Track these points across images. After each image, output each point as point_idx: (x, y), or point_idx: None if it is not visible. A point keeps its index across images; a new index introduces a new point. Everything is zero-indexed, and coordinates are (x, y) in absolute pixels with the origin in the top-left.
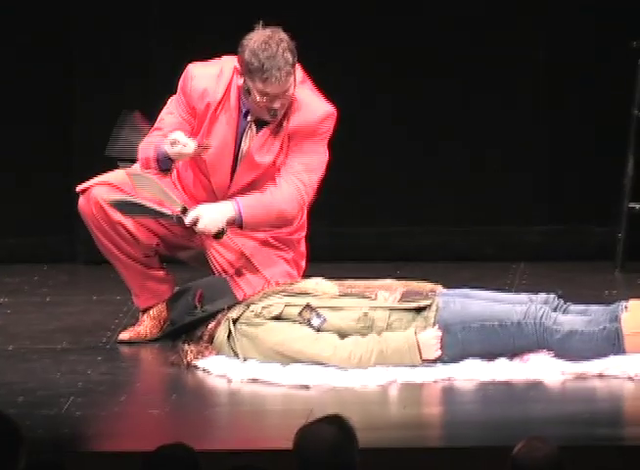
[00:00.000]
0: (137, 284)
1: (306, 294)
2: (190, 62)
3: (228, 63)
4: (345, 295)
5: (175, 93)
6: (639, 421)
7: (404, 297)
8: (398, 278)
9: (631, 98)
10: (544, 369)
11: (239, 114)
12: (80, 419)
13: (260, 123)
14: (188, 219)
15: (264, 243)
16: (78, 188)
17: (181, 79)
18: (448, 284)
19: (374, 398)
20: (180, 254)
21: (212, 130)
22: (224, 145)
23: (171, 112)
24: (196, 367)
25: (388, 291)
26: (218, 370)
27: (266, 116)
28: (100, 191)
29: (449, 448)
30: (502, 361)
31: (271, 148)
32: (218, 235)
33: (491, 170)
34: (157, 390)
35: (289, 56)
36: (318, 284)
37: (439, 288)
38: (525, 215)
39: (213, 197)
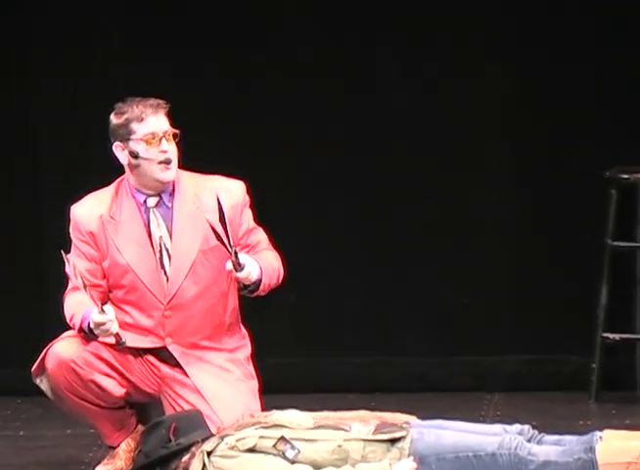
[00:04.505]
0: (108, 427)
1: (281, 426)
2: None
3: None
4: (320, 426)
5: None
6: None
7: (379, 428)
8: (373, 409)
9: (605, 228)
10: None
11: (139, 207)
12: None
13: (164, 207)
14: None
15: (217, 374)
16: (33, 369)
17: (70, 225)
18: (423, 415)
19: None
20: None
21: (120, 238)
22: (139, 245)
23: (78, 255)
24: None
25: (362, 422)
26: None
27: (162, 173)
28: (63, 350)
29: None
30: None
31: (195, 233)
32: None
33: (464, 301)
34: None
35: (153, 101)
36: (292, 416)
37: (414, 419)
38: (499, 346)
39: (160, 320)
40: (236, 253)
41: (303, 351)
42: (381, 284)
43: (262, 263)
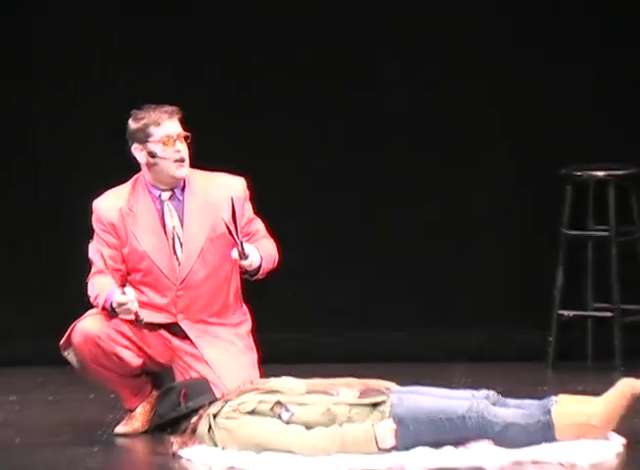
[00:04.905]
0: (126, 393)
1: (277, 391)
2: None
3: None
4: (311, 392)
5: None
6: None
7: (363, 393)
8: (358, 377)
9: (560, 218)
10: (485, 456)
11: (154, 201)
12: None
13: (176, 200)
14: (246, 253)
15: (223, 347)
16: (61, 342)
17: (93, 217)
18: (402, 382)
19: None
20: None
21: (138, 228)
22: (155, 234)
23: (101, 243)
24: (180, 457)
25: (348, 388)
26: (200, 459)
27: (177, 170)
28: (88, 326)
29: None
30: (448, 449)
31: (204, 223)
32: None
33: (437, 280)
34: None
35: (168, 107)
36: (287, 382)
37: (394, 385)
38: (467, 322)
39: (172, 299)
40: (242, 243)
41: (297, 327)
42: (381, 284)
43: (262, 252)
